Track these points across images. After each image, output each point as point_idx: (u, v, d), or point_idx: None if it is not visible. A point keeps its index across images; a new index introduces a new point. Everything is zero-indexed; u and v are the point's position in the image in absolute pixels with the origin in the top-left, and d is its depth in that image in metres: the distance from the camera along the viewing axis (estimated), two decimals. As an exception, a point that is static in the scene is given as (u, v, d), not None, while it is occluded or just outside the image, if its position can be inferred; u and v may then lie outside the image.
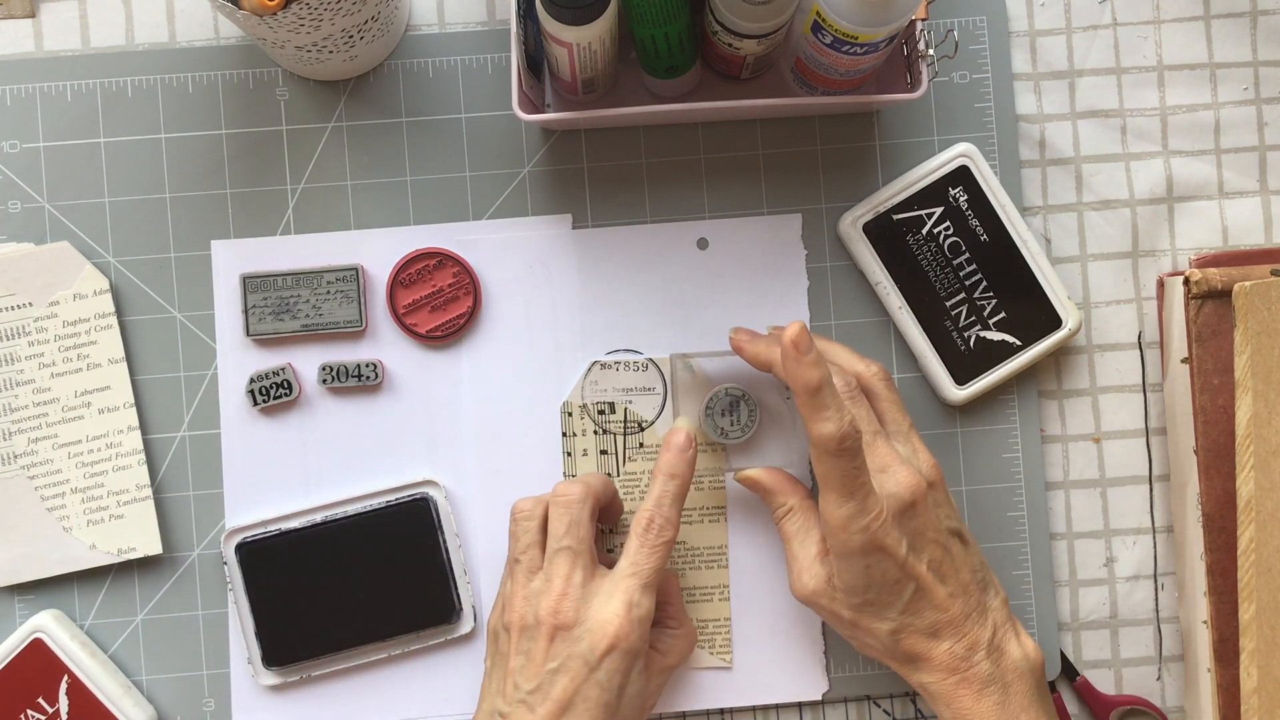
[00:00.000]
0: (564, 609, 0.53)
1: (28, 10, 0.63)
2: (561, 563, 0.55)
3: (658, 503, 0.56)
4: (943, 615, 0.54)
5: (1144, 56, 0.64)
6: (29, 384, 0.61)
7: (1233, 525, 0.60)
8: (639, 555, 0.55)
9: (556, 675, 0.53)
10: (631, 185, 0.63)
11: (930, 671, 0.55)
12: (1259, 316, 0.59)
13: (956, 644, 0.54)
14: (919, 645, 0.54)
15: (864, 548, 0.53)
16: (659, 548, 0.55)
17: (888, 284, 0.62)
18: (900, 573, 0.53)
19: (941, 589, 0.54)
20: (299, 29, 0.54)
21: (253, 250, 0.62)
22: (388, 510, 0.61)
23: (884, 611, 0.54)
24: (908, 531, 0.54)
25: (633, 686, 0.54)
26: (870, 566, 0.53)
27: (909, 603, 0.54)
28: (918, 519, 0.54)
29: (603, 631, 0.53)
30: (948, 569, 0.55)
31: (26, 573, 0.61)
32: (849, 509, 0.52)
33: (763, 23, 0.53)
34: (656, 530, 0.55)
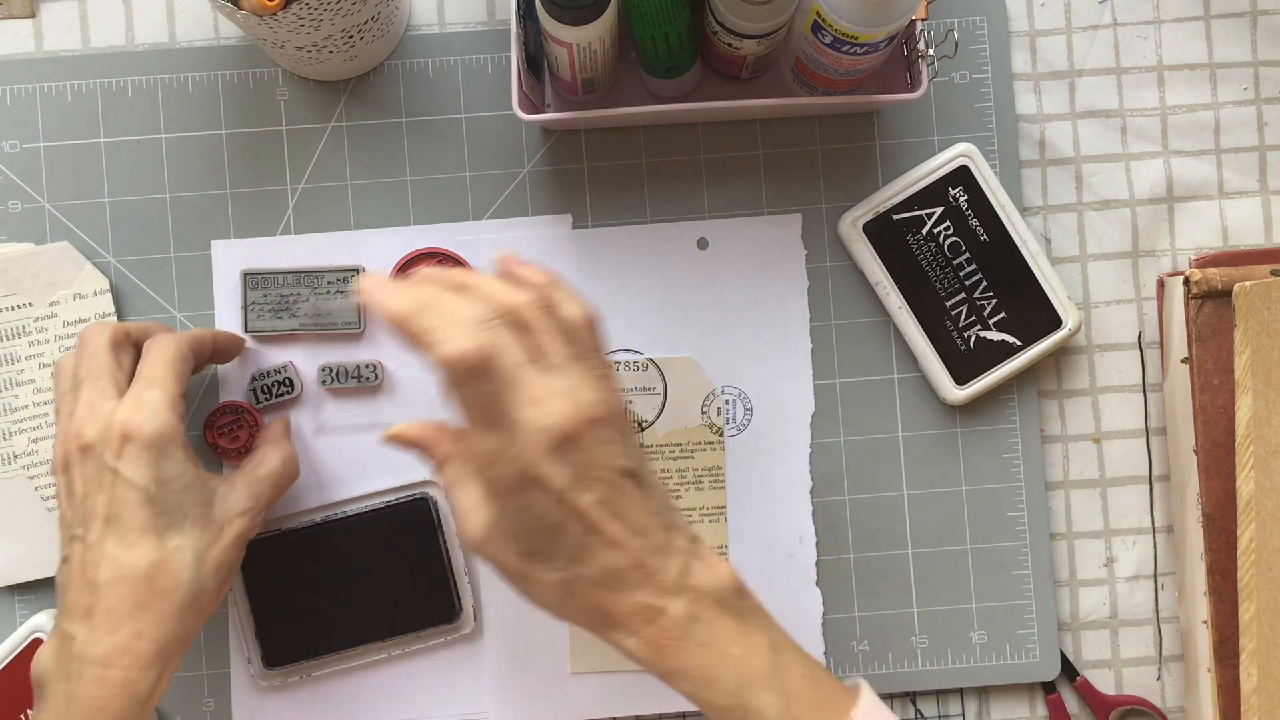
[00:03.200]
0: (85, 431, 0.51)
1: (28, 10, 0.63)
2: (80, 393, 0.53)
3: None
4: (619, 557, 0.47)
5: (1144, 56, 0.64)
6: (29, 384, 0.61)
7: (1233, 525, 0.60)
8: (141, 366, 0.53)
9: (91, 496, 0.51)
10: (631, 185, 0.63)
11: (621, 626, 0.48)
12: (1259, 316, 0.59)
13: (640, 590, 0.48)
14: (597, 597, 0.48)
15: (517, 482, 0.46)
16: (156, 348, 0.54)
17: (888, 284, 0.62)
18: (562, 511, 0.47)
19: (615, 527, 0.47)
20: (299, 29, 0.54)
21: (253, 250, 0.62)
22: (388, 510, 0.61)
23: (551, 559, 0.47)
24: (569, 465, 0.46)
25: (176, 480, 0.51)
26: (527, 507, 0.47)
27: (577, 546, 0.47)
28: (580, 454, 0.46)
29: (114, 434, 0.50)
30: (622, 507, 0.48)
31: (26, 573, 0.61)
32: (494, 440, 0.46)
33: (763, 23, 0.53)
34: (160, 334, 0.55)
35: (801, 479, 0.63)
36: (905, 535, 0.63)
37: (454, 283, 0.49)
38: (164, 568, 0.50)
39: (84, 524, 0.51)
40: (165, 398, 0.52)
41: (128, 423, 0.50)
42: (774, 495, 0.62)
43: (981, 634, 0.63)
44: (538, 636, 0.62)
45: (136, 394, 0.52)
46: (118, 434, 0.50)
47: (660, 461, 0.62)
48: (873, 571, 0.63)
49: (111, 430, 0.51)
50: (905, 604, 0.63)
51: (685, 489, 0.62)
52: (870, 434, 0.63)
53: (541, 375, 0.47)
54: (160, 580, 0.50)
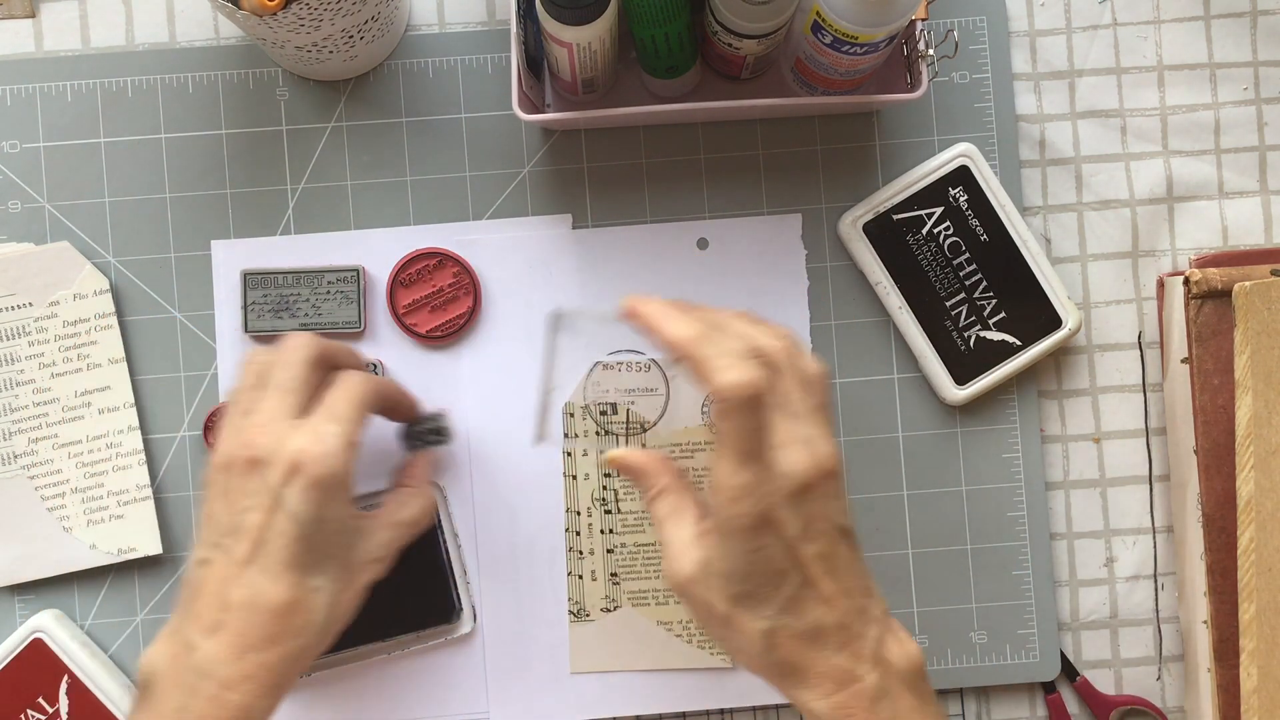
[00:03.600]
0: (259, 441, 0.49)
1: (28, 10, 0.63)
2: (267, 399, 0.51)
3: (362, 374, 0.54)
4: (827, 615, 0.48)
5: (1144, 56, 0.64)
6: (29, 384, 0.61)
7: (1233, 525, 0.60)
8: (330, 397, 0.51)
9: (248, 512, 0.49)
10: (631, 185, 0.63)
11: (813, 686, 0.48)
12: (1259, 316, 0.59)
13: (840, 654, 0.48)
14: (797, 652, 0.48)
15: (756, 522, 0.46)
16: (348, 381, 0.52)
17: (888, 284, 0.62)
18: (787, 559, 0.47)
19: (828, 584, 0.48)
20: (299, 29, 0.54)
21: (253, 250, 0.62)
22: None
23: (762, 606, 0.48)
24: (802, 515, 0.47)
25: (333, 521, 0.50)
26: (758, 549, 0.47)
27: (791, 598, 0.48)
28: (812, 504, 0.47)
29: (287, 459, 0.49)
30: (837, 565, 0.48)
31: (26, 573, 0.61)
32: (746, 475, 0.46)
33: (763, 23, 0.53)
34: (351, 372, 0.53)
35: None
36: (905, 535, 0.63)
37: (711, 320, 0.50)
38: (300, 606, 0.49)
39: (233, 536, 0.49)
40: (345, 437, 0.50)
41: (303, 454, 0.49)
42: (774, 495, 0.62)
43: (981, 634, 0.63)
44: (538, 636, 0.62)
45: (318, 425, 0.50)
46: (290, 461, 0.49)
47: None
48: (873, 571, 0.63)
49: (285, 454, 0.49)
50: (905, 604, 0.63)
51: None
52: (870, 434, 0.63)
53: (787, 421, 0.48)
54: (294, 619, 0.49)
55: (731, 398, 0.46)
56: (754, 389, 0.46)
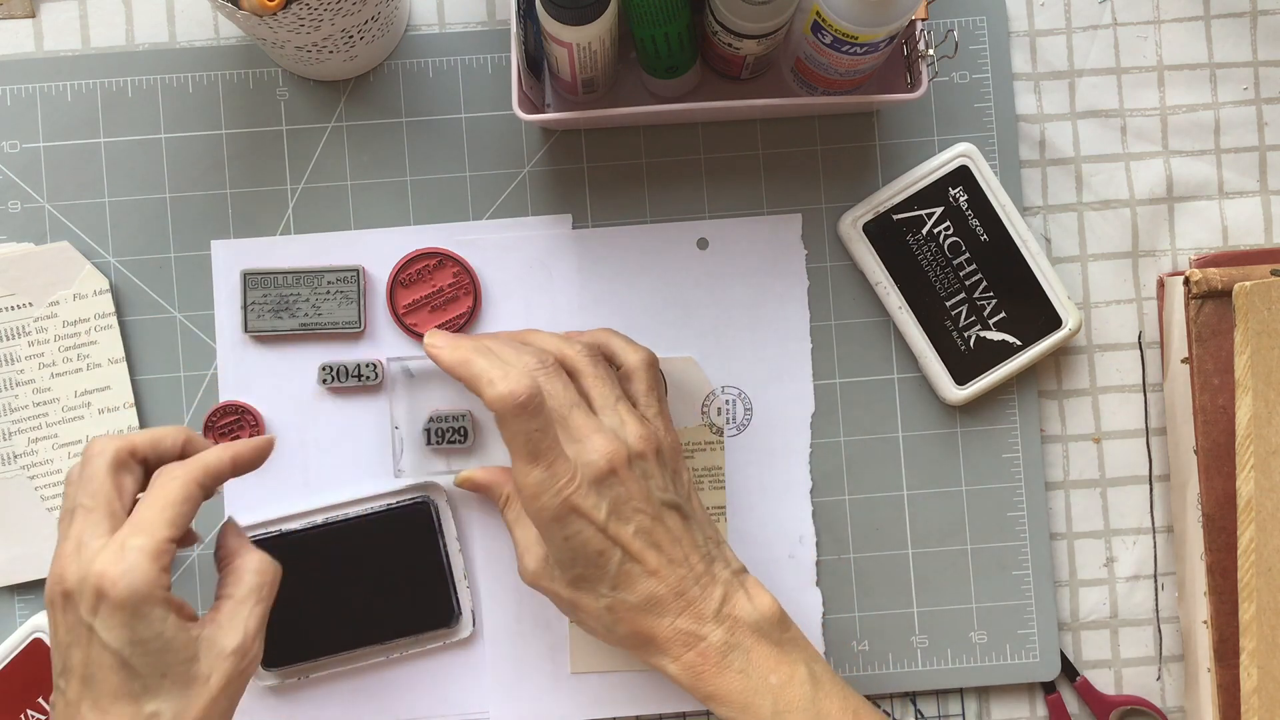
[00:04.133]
0: (67, 572, 0.47)
1: (28, 10, 0.63)
2: (74, 522, 0.48)
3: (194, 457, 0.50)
4: (659, 585, 0.51)
5: (1144, 56, 0.64)
6: (29, 384, 0.61)
7: (1233, 525, 0.60)
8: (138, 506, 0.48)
9: (70, 649, 0.47)
10: (631, 185, 0.63)
11: (662, 651, 0.52)
12: (1259, 316, 0.59)
13: (680, 617, 0.51)
14: (639, 622, 0.52)
15: (558, 513, 0.50)
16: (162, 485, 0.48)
17: (888, 284, 0.62)
18: (603, 540, 0.51)
19: (653, 556, 0.51)
20: (299, 29, 0.54)
21: (253, 250, 0.62)
22: (389, 513, 0.61)
23: (596, 586, 0.52)
24: (609, 499, 0.51)
25: (154, 640, 0.46)
26: (570, 536, 0.50)
27: (618, 574, 0.51)
28: (620, 487, 0.51)
29: (91, 587, 0.46)
30: (661, 537, 0.52)
31: (26, 573, 0.61)
32: (538, 474, 0.50)
33: (763, 23, 0.53)
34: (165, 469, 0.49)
35: (801, 479, 0.63)
36: (905, 535, 0.63)
37: (516, 337, 0.56)
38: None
39: (65, 676, 0.48)
40: (150, 549, 0.47)
41: (103, 578, 0.46)
42: (774, 495, 0.62)
43: (981, 634, 0.63)
44: (538, 637, 0.62)
45: (121, 540, 0.47)
46: (93, 588, 0.46)
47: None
48: (873, 571, 0.63)
49: (89, 581, 0.46)
50: (905, 604, 0.63)
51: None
52: (870, 434, 0.63)
53: (585, 416, 0.52)
54: None
55: (500, 408, 0.49)
56: (518, 398, 0.49)
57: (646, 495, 0.52)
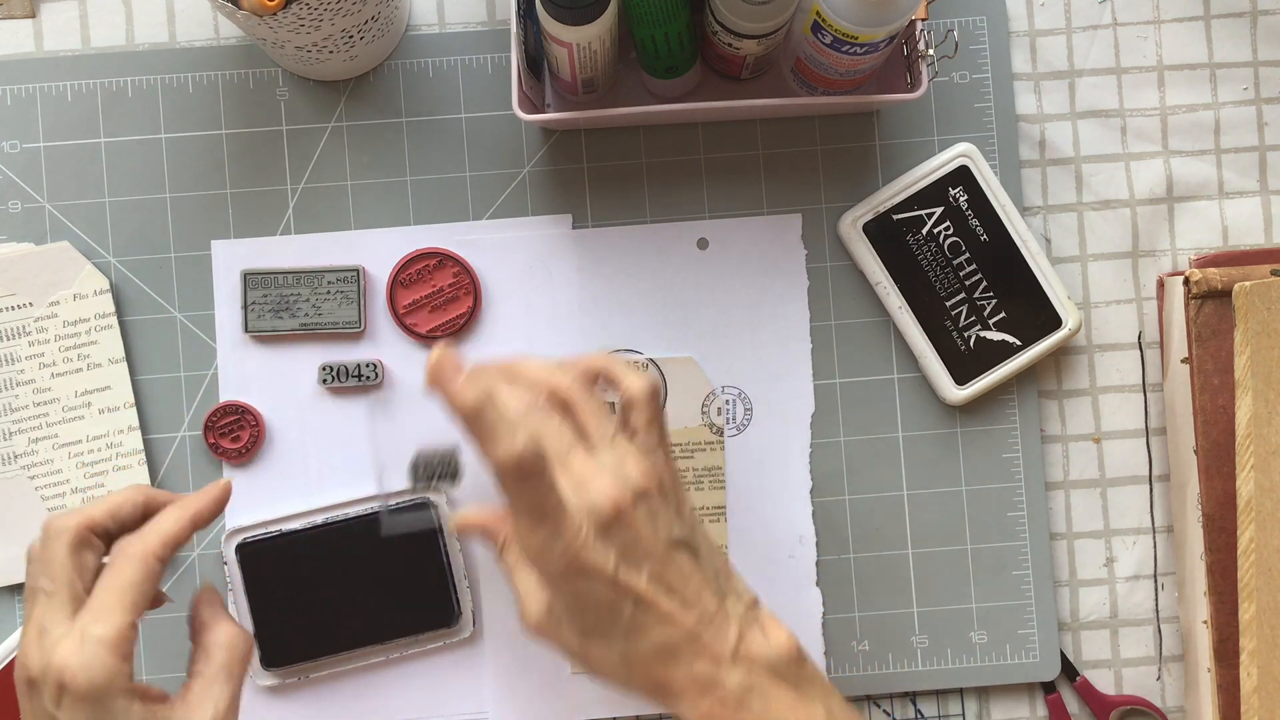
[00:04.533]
0: (30, 660, 0.46)
1: (28, 10, 0.63)
2: (36, 606, 0.47)
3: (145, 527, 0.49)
4: (674, 631, 0.48)
5: (1144, 56, 0.64)
6: (29, 384, 0.61)
7: (1233, 525, 0.60)
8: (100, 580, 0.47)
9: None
10: (631, 185, 0.63)
11: (679, 699, 0.48)
12: (1259, 316, 0.59)
13: (697, 662, 0.48)
14: (655, 671, 0.48)
15: (567, 571, 0.47)
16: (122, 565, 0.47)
17: (888, 284, 0.62)
18: (614, 592, 0.48)
19: (667, 601, 0.48)
20: (299, 29, 0.54)
21: (253, 250, 0.62)
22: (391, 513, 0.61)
23: (608, 638, 0.48)
24: (617, 545, 0.47)
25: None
26: (580, 591, 0.48)
27: (631, 623, 0.48)
28: (627, 531, 0.48)
29: (54, 679, 0.45)
30: (674, 579, 0.48)
31: (26, 573, 0.61)
32: (543, 534, 0.47)
33: (763, 23, 0.53)
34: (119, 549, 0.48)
35: (801, 479, 0.63)
36: (905, 535, 0.63)
37: (505, 370, 0.51)
38: None
39: None
40: (110, 639, 0.45)
41: (64, 669, 0.45)
42: (774, 495, 0.62)
43: (981, 634, 0.63)
44: (538, 636, 0.62)
45: (81, 630, 0.46)
46: (55, 681, 0.45)
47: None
48: (873, 571, 0.63)
49: (50, 672, 0.45)
50: (905, 604, 0.63)
51: (685, 489, 0.62)
52: (870, 434, 0.63)
53: (585, 456, 0.49)
54: None
55: (502, 471, 0.46)
56: (527, 459, 0.46)
57: (654, 536, 0.49)
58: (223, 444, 0.61)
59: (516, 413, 0.47)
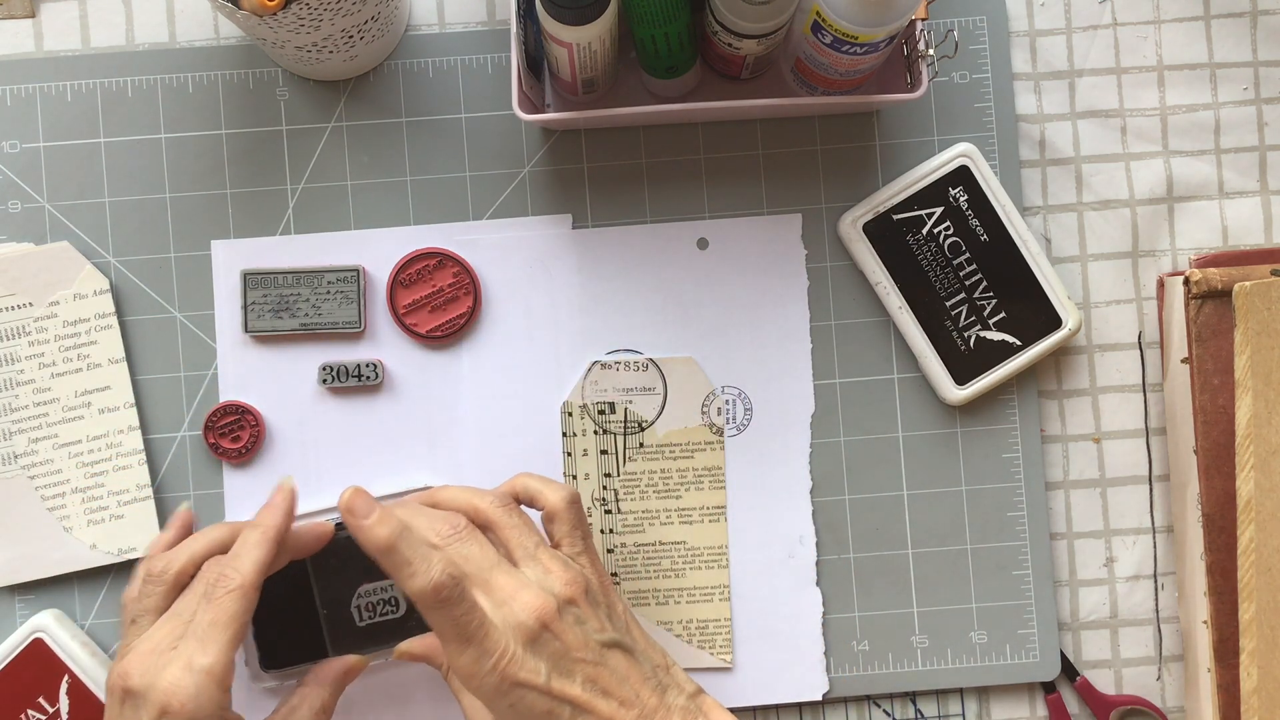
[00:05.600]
0: (133, 672, 0.49)
1: (28, 10, 0.63)
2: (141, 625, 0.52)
3: (232, 553, 0.52)
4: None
5: (1144, 56, 0.64)
6: (29, 384, 0.61)
7: (1233, 525, 0.60)
8: (201, 610, 0.50)
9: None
10: (631, 185, 0.63)
11: None
12: (1259, 316, 0.59)
13: None
14: None
15: (499, 689, 0.49)
16: (223, 599, 0.50)
17: (888, 284, 0.62)
18: (549, 701, 0.49)
19: (604, 703, 0.50)
20: (299, 29, 0.54)
21: (253, 250, 0.62)
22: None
23: None
24: (547, 657, 0.49)
25: None
26: (514, 704, 0.49)
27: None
28: (556, 641, 0.50)
29: (158, 702, 0.48)
30: (610, 682, 0.51)
31: (26, 573, 0.61)
32: (470, 655, 0.48)
33: (763, 23, 0.53)
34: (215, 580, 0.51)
35: (801, 479, 0.63)
36: (905, 535, 0.63)
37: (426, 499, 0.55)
38: None
39: None
40: (215, 669, 0.49)
41: (170, 696, 0.48)
42: (774, 495, 0.62)
43: (981, 634, 0.63)
44: (538, 636, 0.62)
45: (188, 657, 0.49)
46: (159, 703, 0.48)
47: (660, 461, 0.62)
48: (873, 571, 0.63)
49: (156, 694, 0.48)
50: (905, 604, 0.63)
51: (685, 489, 0.62)
52: (870, 434, 0.63)
53: (507, 574, 0.51)
54: None
55: (421, 601, 0.48)
56: (439, 587, 0.48)
57: (584, 642, 0.51)
58: (223, 444, 0.61)
59: (432, 542, 0.50)
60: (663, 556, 0.62)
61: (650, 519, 0.62)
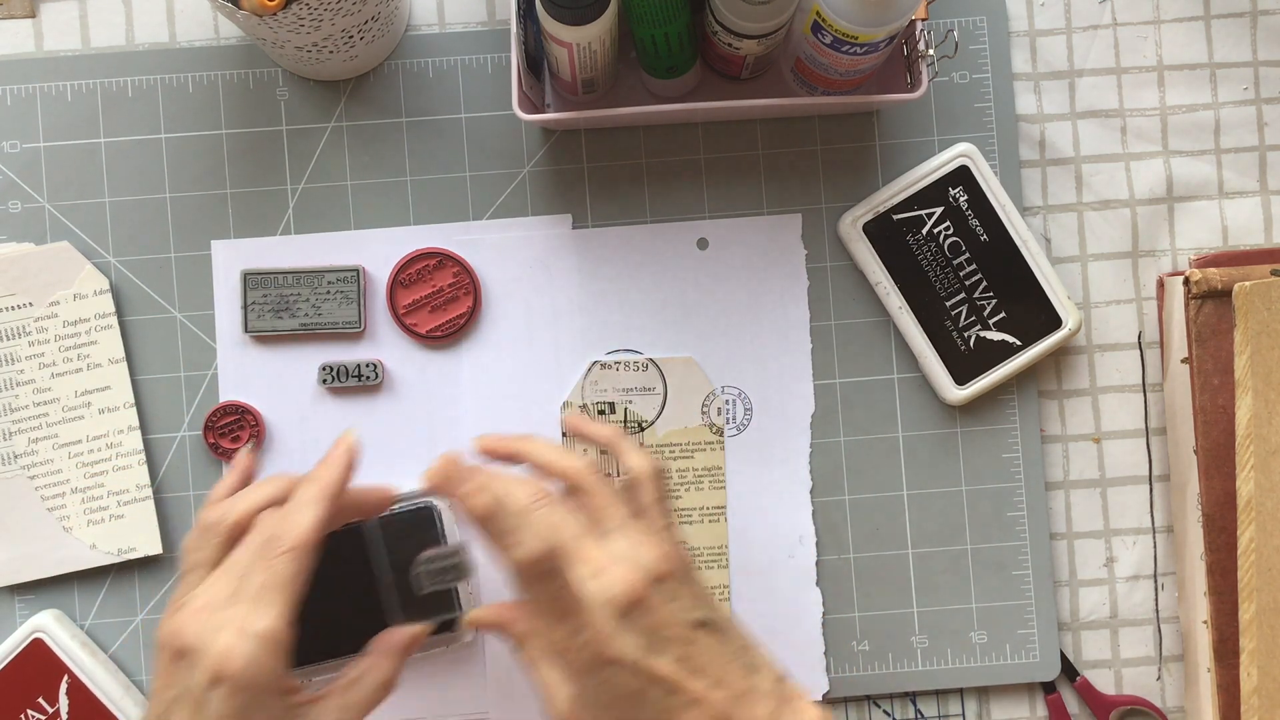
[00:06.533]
0: (188, 630, 0.47)
1: (28, 10, 0.63)
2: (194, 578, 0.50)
3: (286, 510, 0.50)
4: (704, 712, 0.48)
5: (1144, 56, 0.64)
6: (29, 384, 0.61)
7: (1233, 525, 0.60)
8: (255, 570, 0.48)
9: (175, 705, 0.47)
10: (631, 185, 0.63)
11: None
12: (1259, 316, 0.59)
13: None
14: None
15: (593, 664, 0.47)
16: (276, 560, 0.48)
17: (888, 284, 0.62)
18: (640, 680, 0.47)
19: (695, 683, 0.48)
20: (299, 29, 0.54)
21: (253, 250, 0.62)
22: (392, 518, 0.61)
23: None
24: (639, 633, 0.47)
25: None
26: (605, 681, 0.47)
27: (661, 710, 0.48)
28: (649, 617, 0.47)
29: (212, 663, 0.46)
30: (700, 661, 0.48)
31: (26, 573, 0.61)
32: (565, 629, 0.48)
33: (763, 23, 0.53)
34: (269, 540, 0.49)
35: (801, 479, 0.63)
36: (905, 535, 0.63)
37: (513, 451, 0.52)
38: None
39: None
40: (271, 634, 0.47)
41: (227, 659, 0.46)
42: (774, 495, 0.62)
43: (981, 634, 0.63)
44: (538, 636, 0.62)
45: (244, 617, 0.47)
46: (215, 666, 0.46)
47: (660, 461, 0.62)
48: (873, 571, 0.63)
49: (211, 655, 0.46)
50: (905, 604, 0.63)
51: (685, 489, 0.62)
52: (870, 434, 0.63)
53: (599, 543, 0.49)
54: None
55: (521, 572, 0.48)
56: (539, 561, 0.47)
57: (676, 619, 0.48)
58: (223, 444, 0.61)
59: (526, 509, 0.48)
60: (663, 556, 0.62)
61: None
